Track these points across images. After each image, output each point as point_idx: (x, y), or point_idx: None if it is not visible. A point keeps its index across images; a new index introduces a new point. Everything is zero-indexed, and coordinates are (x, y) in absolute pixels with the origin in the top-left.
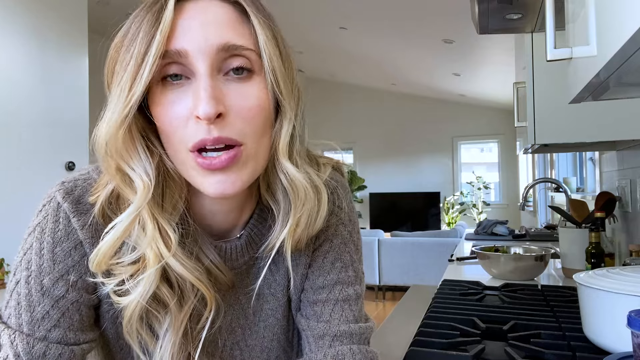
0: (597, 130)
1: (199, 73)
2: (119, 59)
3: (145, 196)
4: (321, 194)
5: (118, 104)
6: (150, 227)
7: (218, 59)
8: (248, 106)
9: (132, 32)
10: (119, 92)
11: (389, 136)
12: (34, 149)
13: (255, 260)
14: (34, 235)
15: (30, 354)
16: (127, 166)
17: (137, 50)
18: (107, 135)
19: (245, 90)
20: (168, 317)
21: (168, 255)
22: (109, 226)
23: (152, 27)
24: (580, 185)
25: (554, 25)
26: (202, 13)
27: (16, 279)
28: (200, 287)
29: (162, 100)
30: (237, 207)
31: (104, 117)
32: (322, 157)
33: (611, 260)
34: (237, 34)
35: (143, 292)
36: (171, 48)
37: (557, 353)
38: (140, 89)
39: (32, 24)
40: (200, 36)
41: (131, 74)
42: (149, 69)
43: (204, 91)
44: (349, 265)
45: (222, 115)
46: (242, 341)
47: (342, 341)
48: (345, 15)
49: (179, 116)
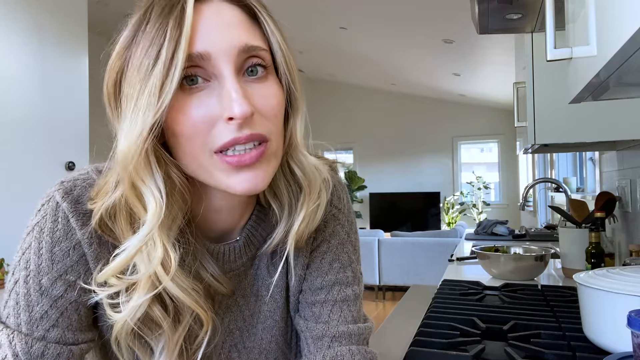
0: (597, 130)
1: (223, 75)
2: (131, 67)
3: (159, 216)
4: (327, 183)
5: (148, 112)
6: (159, 248)
7: (239, 60)
8: (270, 104)
9: (147, 36)
10: (146, 99)
11: (389, 136)
12: (34, 149)
13: (252, 261)
14: (32, 234)
15: (29, 354)
16: (141, 182)
17: (164, 54)
18: (130, 148)
19: (264, 90)
20: (162, 338)
21: (167, 279)
22: (120, 247)
23: (176, 30)
24: (580, 185)
25: (554, 25)
26: (216, 15)
27: (15, 278)
28: (196, 310)
29: (183, 106)
30: (241, 204)
31: (125, 129)
32: (319, 157)
33: (611, 260)
34: (251, 34)
35: (132, 312)
36: (194, 51)
37: (557, 353)
38: (170, 95)
39: (32, 24)
40: (220, 38)
41: (159, 79)
42: (178, 73)
43: (235, 92)
44: (347, 266)
45: (252, 115)
46: (240, 343)
47: (341, 342)
48: (345, 15)
49: (204, 119)
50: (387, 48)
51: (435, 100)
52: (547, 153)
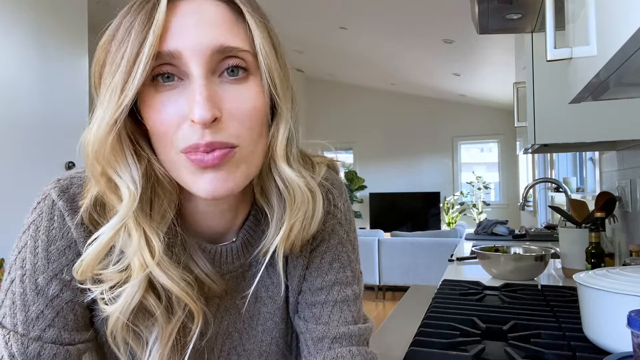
0: (597, 130)
1: (193, 75)
2: (108, 60)
3: (131, 205)
4: (316, 197)
5: (109, 107)
6: (136, 236)
7: (213, 61)
8: (244, 108)
9: (121, 32)
10: (110, 95)
11: (389, 136)
12: (34, 149)
13: (251, 263)
14: (28, 233)
15: (25, 354)
16: (114, 173)
17: (129, 52)
18: (95, 140)
19: (241, 92)
20: (155, 329)
21: (152, 264)
22: (93, 236)
23: (145, 27)
24: (580, 185)
25: (554, 25)
26: (196, 12)
27: (11, 277)
28: (185, 299)
29: (154, 102)
30: (230, 209)
31: (93, 121)
32: (316, 156)
33: (611, 260)
34: (232, 34)
35: (126, 302)
36: (164, 49)
37: (557, 353)
38: (133, 91)
39: (32, 24)
40: (194, 37)
41: (123, 76)
42: (141, 71)
43: (200, 95)
44: (347, 265)
45: (217, 119)
46: (239, 346)
47: (341, 343)
48: (345, 15)
49: (171, 118)
50: (387, 48)
51: (435, 100)
52: (547, 153)
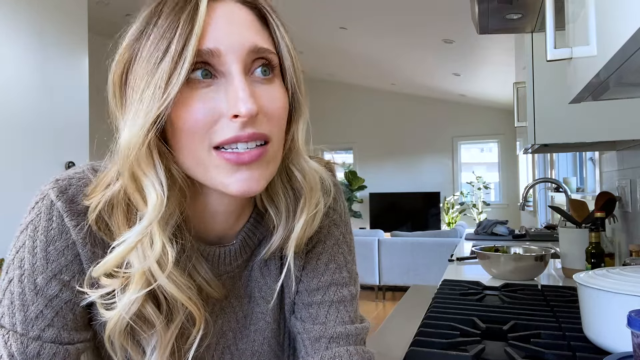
0: (597, 130)
1: (231, 73)
2: (141, 57)
3: (159, 209)
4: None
5: (152, 104)
6: (158, 243)
7: (248, 60)
8: (275, 106)
9: (158, 30)
10: (151, 91)
11: (389, 136)
12: (34, 149)
13: (247, 263)
14: (26, 233)
15: (25, 354)
16: (143, 175)
17: (174, 48)
18: (132, 140)
19: (270, 91)
20: (155, 336)
21: (162, 276)
22: (119, 239)
23: (188, 25)
24: (580, 185)
25: (554, 25)
26: (229, 15)
27: (9, 277)
28: (190, 307)
29: (189, 100)
30: (238, 210)
31: (129, 121)
32: (314, 158)
33: (611, 260)
34: (261, 37)
35: (125, 309)
36: (203, 47)
37: (557, 353)
38: (177, 88)
39: (32, 24)
40: (231, 36)
41: (166, 72)
42: (187, 66)
43: (243, 90)
44: (343, 266)
45: (257, 115)
46: (233, 345)
47: (338, 343)
48: (345, 15)
49: (208, 115)
50: (387, 48)
51: (435, 100)
52: (547, 153)
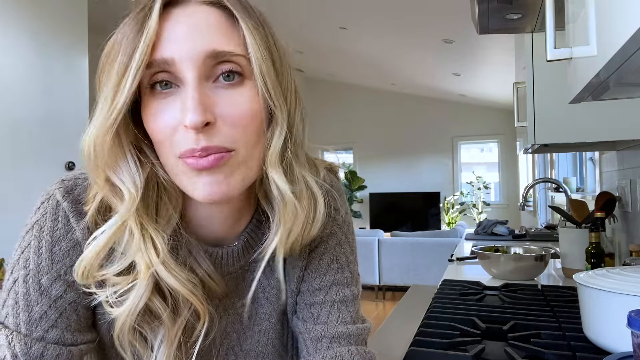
0: (597, 130)
1: (186, 81)
2: (105, 68)
3: (131, 206)
4: (318, 201)
5: (101, 113)
6: (137, 236)
7: (206, 66)
8: (238, 113)
9: (118, 41)
10: (103, 101)
11: (389, 136)
12: (34, 149)
13: (250, 264)
14: (32, 233)
15: (28, 355)
16: (114, 176)
17: (119, 61)
18: (92, 144)
19: (235, 97)
20: (161, 330)
21: (157, 263)
22: (92, 236)
23: (136, 36)
24: (580, 185)
25: (554, 25)
26: (189, 18)
27: (14, 277)
28: (192, 300)
29: (151, 109)
30: (233, 214)
31: (91, 126)
32: (317, 160)
33: (611, 260)
34: (226, 39)
35: (133, 304)
36: (157, 57)
37: (557, 353)
38: (123, 99)
39: (32, 24)
40: (186, 43)
41: (114, 85)
42: (131, 80)
43: (191, 100)
44: (345, 267)
45: (210, 124)
46: (237, 346)
47: (340, 343)
48: (345, 15)
49: (167, 125)
50: (387, 48)
51: (435, 100)
52: (547, 153)
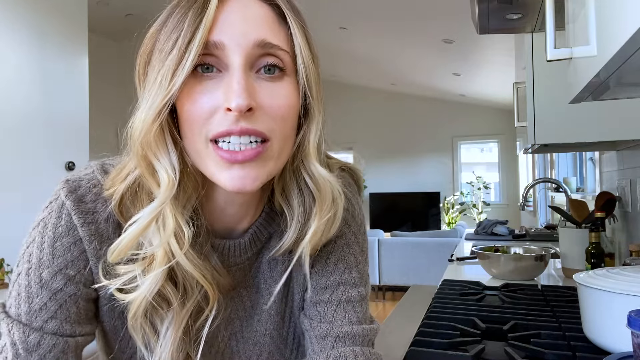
0: (597, 130)
1: (232, 66)
2: (156, 48)
3: (170, 190)
4: (339, 199)
5: (159, 92)
6: (171, 222)
7: (253, 55)
8: (278, 104)
9: (172, 22)
10: (159, 81)
11: (389, 136)
12: (34, 149)
13: (257, 256)
14: (37, 229)
15: (26, 343)
16: (155, 159)
17: (181, 40)
18: (143, 125)
19: (275, 89)
20: (170, 314)
21: (180, 253)
22: (132, 219)
23: (197, 18)
24: (580, 185)
25: (554, 25)
26: (241, 9)
27: (18, 270)
28: (206, 286)
29: (192, 91)
30: (249, 204)
31: (141, 108)
32: (331, 159)
33: (611, 260)
34: (273, 33)
35: (150, 288)
36: (210, 39)
37: (557, 353)
38: (182, 78)
39: (32, 24)
40: (238, 30)
41: (174, 63)
42: (192, 58)
43: (237, 84)
44: (353, 267)
45: (252, 110)
46: (239, 333)
47: (344, 342)
48: (345, 15)
49: (206, 107)
50: (387, 48)
51: (435, 100)
52: (547, 153)
